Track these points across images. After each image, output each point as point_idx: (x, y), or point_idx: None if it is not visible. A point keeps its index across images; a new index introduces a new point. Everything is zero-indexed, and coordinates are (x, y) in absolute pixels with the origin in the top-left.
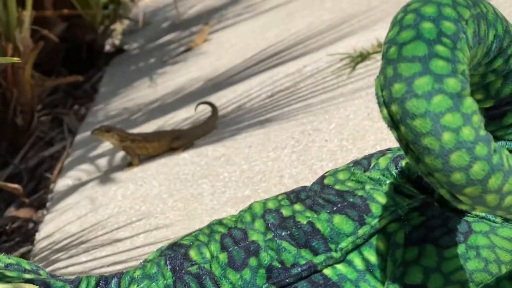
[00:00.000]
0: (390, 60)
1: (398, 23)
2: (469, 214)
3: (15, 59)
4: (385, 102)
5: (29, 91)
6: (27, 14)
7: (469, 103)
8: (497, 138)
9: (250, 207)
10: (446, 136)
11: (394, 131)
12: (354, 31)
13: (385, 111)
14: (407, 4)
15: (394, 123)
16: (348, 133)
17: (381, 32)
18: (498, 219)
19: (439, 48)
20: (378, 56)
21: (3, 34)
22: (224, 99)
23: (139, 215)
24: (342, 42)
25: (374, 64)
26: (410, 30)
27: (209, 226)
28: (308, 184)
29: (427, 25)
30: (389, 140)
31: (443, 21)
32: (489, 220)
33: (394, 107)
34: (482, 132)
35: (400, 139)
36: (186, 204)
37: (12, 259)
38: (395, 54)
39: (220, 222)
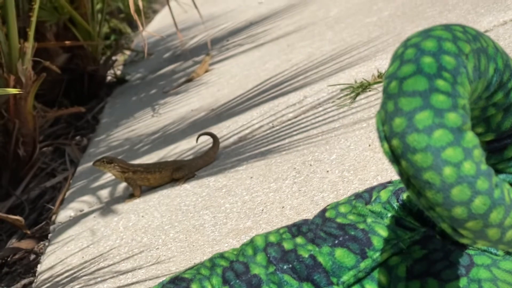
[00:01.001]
0: (391, 94)
1: (398, 58)
2: (471, 247)
3: (16, 90)
4: (386, 137)
5: (31, 122)
6: (29, 45)
7: (470, 138)
8: (498, 171)
9: (252, 241)
10: (447, 171)
11: (395, 166)
12: (354, 62)
13: (386, 145)
14: (408, 38)
15: (395, 157)
16: (349, 164)
17: (381, 62)
18: (500, 252)
19: (440, 83)
20: (379, 87)
21: (6, 66)
22: (225, 130)
23: (140, 247)
24: (343, 72)
25: (375, 95)
26: (410, 65)
27: (211, 259)
28: (310, 215)
29: (427, 60)
30: (391, 171)
31: (444, 55)
32: (491, 253)
33: (395, 142)
34: (483, 167)
35: (401, 173)
36: (187, 235)
37: None
38: (396, 89)
39: (221, 256)
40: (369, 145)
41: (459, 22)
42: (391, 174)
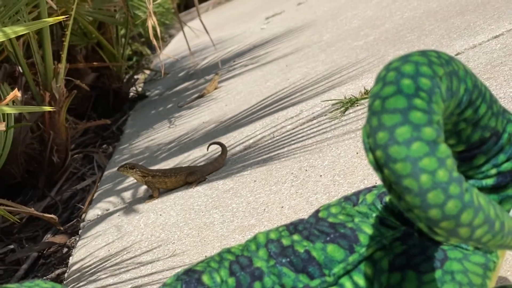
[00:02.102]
0: (375, 111)
1: (381, 80)
2: (445, 243)
3: (50, 108)
4: (371, 148)
5: (63, 133)
6: (62, 66)
7: (443, 149)
8: (468, 177)
9: (254, 238)
10: (424, 178)
11: (379, 173)
12: (344, 80)
13: (371, 156)
14: (389, 63)
15: (378, 166)
16: (340, 169)
17: (367, 81)
18: (470, 248)
19: (417, 101)
20: (366, 102)
21: (42, 84)
22: (232, 139)
23: (159, 242)
24: (334, 90)
25: (362, 109)
26: (392, 86)
27: (219, 254)
28: (305, 214)
29: (406, 82)
30: (375, 176)
31: (420, 78)
32: (462, 248)
33: (378, 153)
34: (455, 174)
35: (384, 179)
36: (199, 231)
37: (48, 284)
38: (379, 107)
39: (228, 251)
40: (357, 153)
41: (435, 45)
42: (375, 178)
